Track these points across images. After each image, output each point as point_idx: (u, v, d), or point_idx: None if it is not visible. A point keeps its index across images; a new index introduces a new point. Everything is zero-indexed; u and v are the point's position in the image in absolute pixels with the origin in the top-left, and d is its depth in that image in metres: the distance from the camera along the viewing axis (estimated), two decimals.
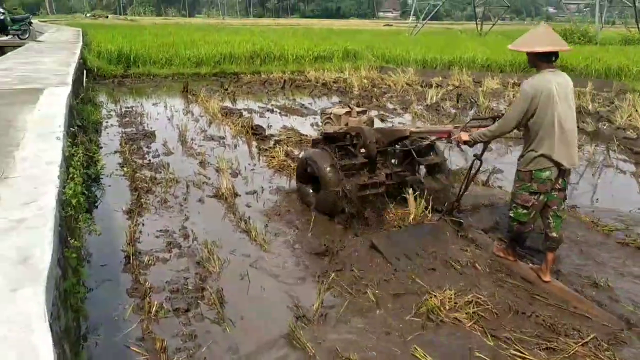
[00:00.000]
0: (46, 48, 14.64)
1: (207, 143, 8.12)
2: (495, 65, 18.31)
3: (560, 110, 3.67)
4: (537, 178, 3.80)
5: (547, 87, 3.67)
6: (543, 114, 3.68)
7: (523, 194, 3.90)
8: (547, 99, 3.66)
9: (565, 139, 3.70)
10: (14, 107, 6.17)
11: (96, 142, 7.56)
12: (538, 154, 3.75)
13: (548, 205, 3.92)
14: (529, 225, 4.03)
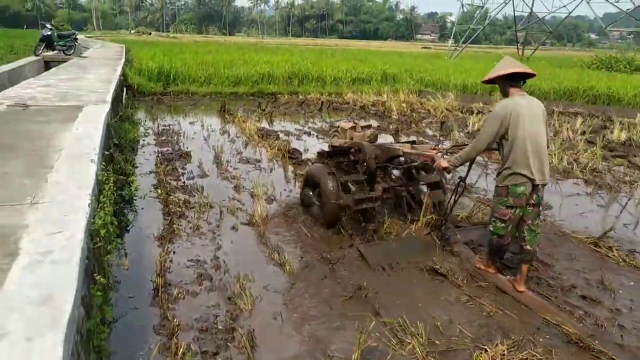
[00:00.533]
0: (89, 64, 14.90)
1: (242, 166, 7.97)
2: (538, 92, 17.75)
3: (529, 130, 3.93)
4: (513, 193, 4.05)
5: (516, 109, 3.95)
6: (514, 134, 3.94)
7: (501, 208, 4.16)
8: (516, 120, 3.92)
9: (535, 157, 3.96)
10: (53, 125, 6.14)
11: (132, 161, 7.49)
12: (512, 171, 4.02)
13: (523, 219, 4.17)
14: (506, 239, 4.27)
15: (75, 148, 5.05)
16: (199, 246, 4.92)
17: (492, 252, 4.47)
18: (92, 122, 6.43)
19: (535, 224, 4.20)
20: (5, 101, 7.65)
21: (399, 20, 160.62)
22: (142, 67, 16.82)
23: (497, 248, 4.38)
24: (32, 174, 4.15)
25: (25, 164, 4.44)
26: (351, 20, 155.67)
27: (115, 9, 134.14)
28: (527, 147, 3.92)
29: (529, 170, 3.95)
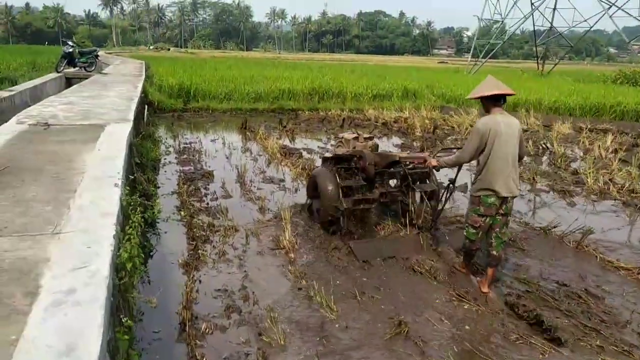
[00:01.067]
0: (110, 81, 14.89)
1: (266, 186, 7.75)
2: (563, 108, 17.40)
3: (504, 146, 4.27)
4: (484, 202, 4.42)
5: (494, 127, 4.28)
6: (490, 149, 4.29)
7: (473, 216, 4.55)
8: (494, 136, 4.27)
9: (505, 174, 4.29)
10: (75, 145, 5.99)
11: (154, 181, 7.31)
12: (484, 182, 4.37)
13: (492, 227, 4.54)
14: (477, 244, 4.69)
15: (98, 170, 4.87)
16: (225, 274, 4.68)
17: (465, 255, 4.93)
18: (114, 142, 6.27)
19: (502, 232, 4.59)
20: (27, 120, 7.55)
21: (415, 35, 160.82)
22: (162, 83, 16.80)
23: (469, 251, 4.82)
24: (53, 200, 3.96)
25: (46, 188, 4.25)
26: (367, 35, 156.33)
27: (134, 25, 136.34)
28: (498, 164, 4.28)
29: (498, 185, 4.31)
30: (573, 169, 9.33)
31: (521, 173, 8.85)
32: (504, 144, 4.26)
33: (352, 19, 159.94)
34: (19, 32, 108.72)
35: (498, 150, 4.26)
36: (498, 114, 4.37)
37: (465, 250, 4.85)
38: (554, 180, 8.57)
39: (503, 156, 4.27)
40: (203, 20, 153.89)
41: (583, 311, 4.20)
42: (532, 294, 4.44)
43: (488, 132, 4.29)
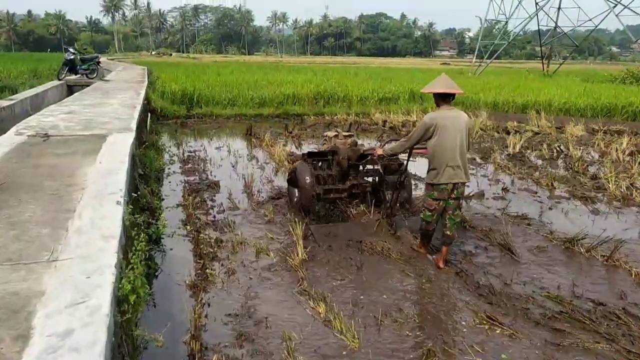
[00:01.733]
0: (112, 88, 14.63)
1: (274, 196, 7.45)
2: (574, 109, 17.07)
3: (452, 138, 4.75)
4: (437, 188, 4.91)
5: (441, 122, 4.77)
6: (438, 141, 4.77)
7: (428, 200, 5.04)
8: (442, 129, 4.75)
9: (455, 161, 4.79)
10: (76, 158, 5.71)
11: (158, 193, 7.02)
12: (436, 171, 4.87)
13: (446, 210, 5.01)
14: (432, 225, 5.13)
15: (100, 186, 4.58)
16: (235, 296, 4.36)
17: (423, 235, 5.35)
18: (116, 153, 5.98)
19: (455, 214, 5.07)
20: (26, 131, 7.28)
21: (417, 37, 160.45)
22: (165, 89, 16.53)
23: (425, 232, 5.26)
24: (51, 221, 3.67)
25: (44, 207, 3.97)
26: (369, 37, 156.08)
27: (136, 31, 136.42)
28: (448, 154, 4.76)
29: (447, 171, 4.79)
30: (592, 174, 8.99)
31: (539, 179, 8.55)
32: (451, 136, 4.76)
33: (353, 22, 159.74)
34: (21, 39, 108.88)
35: (446, 142, 4.76)
36: (446, 109, 4.90)
37: (423, 231, 5.30)
38: (573, 186, 8.24)
39: (451, 147, 4.77)
40: (204, 25, 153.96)
41: (624, 334, 3.88)
42: (566, 315, 4.11)
43: (434, 125, 4.80)
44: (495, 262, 5.22)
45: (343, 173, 6.46)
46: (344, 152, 6.39)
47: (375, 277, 4.85)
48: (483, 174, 9.24)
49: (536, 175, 8.92)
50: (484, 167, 9.70)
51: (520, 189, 8.10)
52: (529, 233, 6.06)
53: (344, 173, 6.47)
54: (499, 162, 9.74)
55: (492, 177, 8.90)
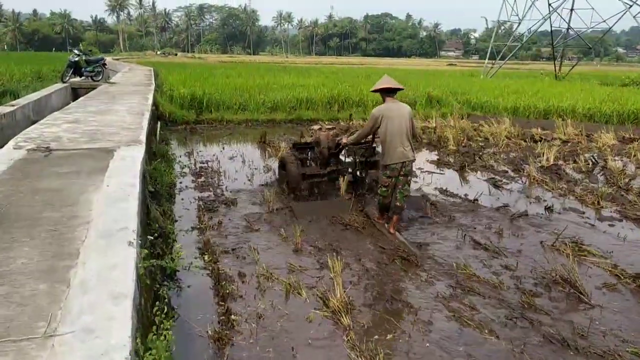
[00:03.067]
0: (118, 92, 13.98)
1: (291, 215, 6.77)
2: (599, 115, 16.33)
3: (397, 126, 5.77)
4: (389, 168, 5.90)
5: (386, 113, 5.84)
6: (385, 129, 5.81)
7: (383, 178, 6.02)
8: (387, 119, 5.80)
9: (402, 144, 5.79)
10: (80, 179, 5.05)
11: (171, 215, 6.35)
12: (387, 153, 5.88)
13: (396, 185, 5.97)
14: (388, 199, 6.07)
15: (108, 218, 3.92)
16: (267, 355, 3.67)
17: (380, 208, 6.30)
18: (126, 173, 5.31)
19: (404, 189, 6.04)
20: (26, 144, 6.62)
21: (423, 37, 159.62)
22: (173, 94, 15.87)
23: (383, 205, 6.23)
24: (49, 272, 3.00)
25: (41, 250, 3.31)
26: (374, 38, 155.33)
27: (141, 31, 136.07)
28: (395, 139, 5.78)
29: (394, 154, 5.81)
30: (638, 190, 8.29)
31: (583, 196, 7.84)
32: (397, 124, 5.80)
33: (358, 22, 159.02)
34: (26, 38, 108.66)
35: (392, 129, 5.80)
36: (391, 102, 6.02)
37: (380, 205, 6.26)
38: (622, 205, 7.53)
39: (397, 133, 5.80)
40: (209, 24, 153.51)
41: None
42: None
43: (381, 116, 5.89)
44: (561, 305, 4.52)
45: (324, 160, 7.49)
46: (325, 143, 7.38)
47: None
48: (519, 189, 8.55)
49: (578, 191, 8.23)
50: (518, 181, 9.00)
51: (565, 209, 7.40)
52: (590, 266, 5.37)
53: (325, 160, 7.50)
54: (534, 176, 9.03)
55: (531, 194, 8.19)
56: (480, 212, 7.09)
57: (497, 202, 7.61)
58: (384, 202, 6.15)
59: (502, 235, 6.21)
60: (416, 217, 6.77)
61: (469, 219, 6.78)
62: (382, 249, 5.68)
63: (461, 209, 7.21)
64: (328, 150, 7.38)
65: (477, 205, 7.40)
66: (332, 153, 7.43)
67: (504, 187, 8.53)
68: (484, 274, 5.04)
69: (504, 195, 8.09)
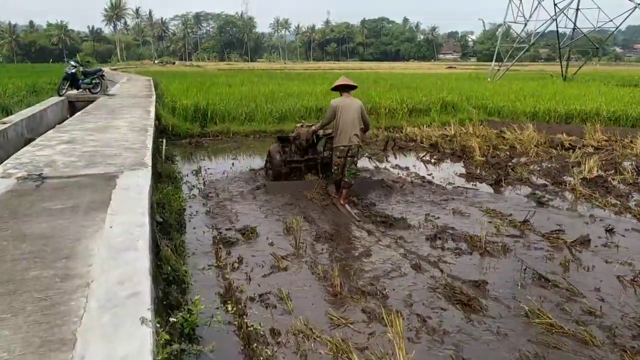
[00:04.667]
0: (118, 106, 13.12)
1: (326, 246, 5.92)
2: (624, 118, 15.49)
3: (347, 115, 7.29)
4: (337, 150, 7.45)
5: (341, 105, 7.36)
6: (339, 117, 7.33)
7: (335, 159, 7.52)
8: (341, 110, 7.32)
9: (347, 131, 7.29)
10: (76, 218, 4.20)
11: (183, 252, 5.49)
12: (336, 138, 7.45)
13: (345, 165, 7.44)
14: (339, 176, 7.54)
15: (112, 278, 3.06)
16: None
17: (335, 185, 7.72)
18: (132, 209, 4.46)
19: (351, 167, 7.42)
20: (16, 171, 5.77)
21: (420, 40, 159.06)
22: (175, 105, 15.03)
23: (336, 182, 7.63)
24: None
25: (25, 331, 2.47)
26: (372, 42, 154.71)
27: (138, 40, 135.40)
28: (343, 126, 7.26)
29: (345, 138, 7.29)
30: None
31: None
32: (347, 114, 7.23)
33: (356, 27, 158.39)
34: (23, 50, 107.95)
35: (345, 119, 7.23)
36: (345, 97, 7.41)
37: (334, 182, 7.67)
38: None
39: (347, 121, 7.22)
40: (207, 32, 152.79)
41: None
42: None
43: (338, 107, 7.30)
44: None
45: (303, 150, 8.78)
46: (304, 136, 8.57)
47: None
48: (567, 206, 7.69)
49: (633, 207, 7.38)
50: (561, 197, 8.14)
51: (626, 229, 6.53)
52: None
53: (304, 150, 8.79)
54: (580, 190, 8.18)
55: (583, 212, 7.33)
56: (533, 238, 6.23)
57: (548, 224, 6.75)
58: (336, 180, 7.64)
59: (568, 267, 5.35)
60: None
61: (522, 246, 5.93)
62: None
63: (510, 234, 6.35)
64: (306, 142, 8.64)
65: (528, 227, 6.54)
66: (309, 144, 8.75)
67: (549, 204, 7.66)
68: (565, 322, 4.17)
69: (552, 214, 7.22)
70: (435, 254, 5.69)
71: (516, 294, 4.72)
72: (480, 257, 5.65)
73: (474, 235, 6.12)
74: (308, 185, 8.26)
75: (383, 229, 6.56)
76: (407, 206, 7.58)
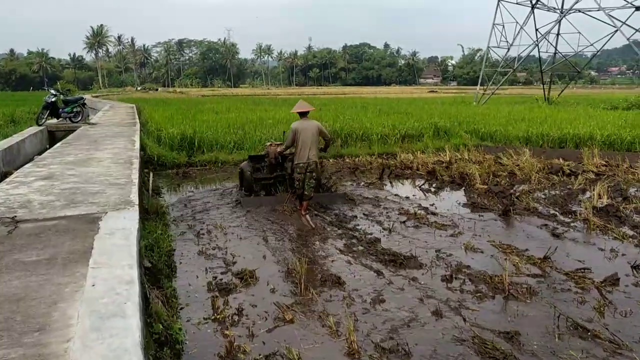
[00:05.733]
0: (100, 135, 12.50)
1: (332, 290, 5.36)
2: (619, 142, 15.27)
3: (306, 136, 8.17)
4: (298, 166, 8.27)
5: (300, 127, 8.22)
6: (298, 138, 8.18)
7: (296, 175, 8.35)
8: (300, 131, 8.18)
9: (305, 151, 8.19)
10: (53, 273, 3.62)
11: (175, 303, 4.88)
12: (296, 156, 8.31)
13: (305, 180, 8.24)
14: (300, 190, 8.31)
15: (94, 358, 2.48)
16: None
17: (298, 198, 8.50)
18: (118, 260, 3.87)
19: (310, 182, 8.32)
20: None
21: (401, 65, 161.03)
22: (161, 134, 14.46)
23: (299, 196, 8.42)
24: None
25: None
26: (354, 67, 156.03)
27: (120, 67, 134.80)
28: (302, 145, 8.19)
29: (304, 157, 8.21)
30: None
31: None
32: (307, 135, 8.17)
33: (338, 52, 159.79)
34: (3, 78, 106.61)
35: (304, 139, 8.15)
36: (304, 120, 8.34)
37: (297, 195, 8.45)
38: None
39: (305, 141, 8.16)
40: (189, 58, 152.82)
41: None
42: None
43: (297, 129, 8.20)
44: None
45: (272, 167, 9.48)
46: (272, 154, 9.29)
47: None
48: (582, 239, 7.23)
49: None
50: (575, 228, 7.69)
51: None
52: None
53: (273, 167, 9.47)
54: (593, 221, 7.75)
55: (603, 246, 6.87)
56: (556, 277, 5.75)
57: (569, 260, 6.28)
58: (299, 193, 8.40)
59: (603, 312, 4.85)
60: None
61: (548, 288, 5.43)
62: None
63: (532, 273, 5.86)
64: (275, 160, 9.37)
65: (549, 264, 6.06)
66: (278, 162, 9.46)
67: (565, 237, 7.21)
68: None
69: (570, 248, 6.76)
70: (455, 298, 5.16)
71: (554, 347, 4.19)
72: (504, 301, 5.13)
73: (494, 275, 5.62)
74: (276, 199, 9.08)
75: (393, 268, 6.04)
76: (414, 241, 7.06)
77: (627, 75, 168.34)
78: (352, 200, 9.33)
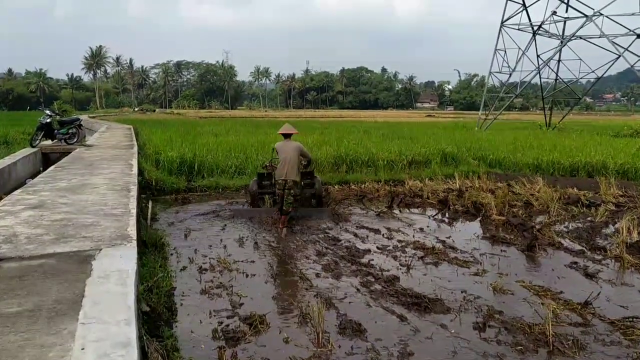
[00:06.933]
0: (96, 159, 11.93)
1: (354, 342, 4.75)
2: (633, 171, 14.80)
3: (283, 156, 8.98)
4: (277, 183, 9.04)
5: (282, 147, 9.15)
6: (280, 157, 9.07)
7: (277, 191, 9.07)
8: (280, 151, 9.14)
9: (283, 168, 8.91)
10: (35, 330, 3.03)
11: (177, 356, 4.26)
12: (277, 173, 9.13)
13: (284, 196, 8.88)
14: (280, 204, 9.01)
15: None
16: None
17: (279, 211, 9.10)
18: (112, 313, 3.29)
19: (288, 198, 8.85)
20: None
21: (399, 89, 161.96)
22: (160, 157, 13.91)
23: (279, 209, 9.08)
24: None
25: None
26: (351, 91, 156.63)
27: (118, 88, 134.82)
28: (284, 164, 8.92)
29: (282, 174, 8.90)
30: None
31: None
32: (284, 154, 9.01)
33: (335, 76, 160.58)
34: (0, 98, 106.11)
35: (284, 158, 8.97)
36: (286, 141, 9.25)
37: (278, 208, 9.18)
38: None
39: (284, 160, 8.96)
40: (187, 80, 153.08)
41: None
42: None
43: (277, 149, 9.25)
44: None
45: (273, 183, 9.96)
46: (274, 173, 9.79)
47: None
48: (617, 279, 6.66)
49: None
50: (607, 266, 7.13)
51: None
52: None
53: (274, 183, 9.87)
54: (628, 259, 7.19)
55: None
56: (601, 327, 5.16)
57: (611, 305, 5.71)
58: (279, 207, 9.05)
59: None
60: None
61: (595, 341, 4.84)
62: None
63: (573, 321, 5.27)
64: None
65: (590, 311, 5.48)
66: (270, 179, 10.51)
67: (599, 277, 6.64)
68: None
69: (608, 291, 6.19)
70: (493, 352, 4.57)
71: None
72: (548, 356, 4.54)
73: (533, 324, 5.03)
74: (265, 212, 10.08)
75: (417, 312, 5.45)
76: (436, 280, 6.48)
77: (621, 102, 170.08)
78: (338, 215, 10.10)
